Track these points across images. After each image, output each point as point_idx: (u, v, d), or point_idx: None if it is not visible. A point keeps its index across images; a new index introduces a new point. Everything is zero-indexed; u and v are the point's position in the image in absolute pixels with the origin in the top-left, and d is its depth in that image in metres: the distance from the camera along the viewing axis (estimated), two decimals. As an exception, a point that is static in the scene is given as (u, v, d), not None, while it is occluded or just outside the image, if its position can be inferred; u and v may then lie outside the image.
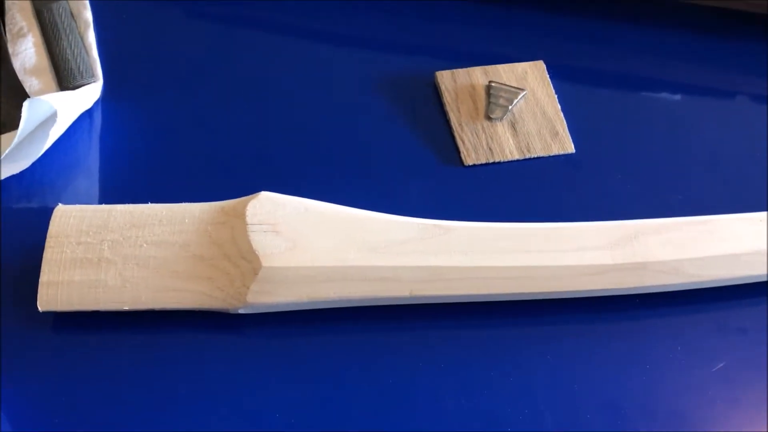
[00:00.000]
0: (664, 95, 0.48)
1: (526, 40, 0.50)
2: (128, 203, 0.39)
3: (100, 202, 0.41)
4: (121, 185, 0.42)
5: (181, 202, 0.39)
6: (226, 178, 0.43)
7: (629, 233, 0.38)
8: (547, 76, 0.47)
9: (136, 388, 0.36)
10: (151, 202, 0.39)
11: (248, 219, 0.37)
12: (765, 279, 0.39)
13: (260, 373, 0.36)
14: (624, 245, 0.38)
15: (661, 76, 0.49)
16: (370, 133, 0.45)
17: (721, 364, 0.37)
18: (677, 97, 0.48)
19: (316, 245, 0.37)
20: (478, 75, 0.47)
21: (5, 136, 0.42)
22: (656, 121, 0.47)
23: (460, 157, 0.44)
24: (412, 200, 0.43)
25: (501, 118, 0.45)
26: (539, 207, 0.43)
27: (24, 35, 0.47)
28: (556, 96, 0.47)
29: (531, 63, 0.48)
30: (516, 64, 0.48)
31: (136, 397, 0.35)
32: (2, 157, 0.40)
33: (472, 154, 0.44)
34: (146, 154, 0.43)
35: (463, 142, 0.45)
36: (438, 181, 0.43)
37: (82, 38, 0.47)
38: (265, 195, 0.38)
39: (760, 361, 0.38)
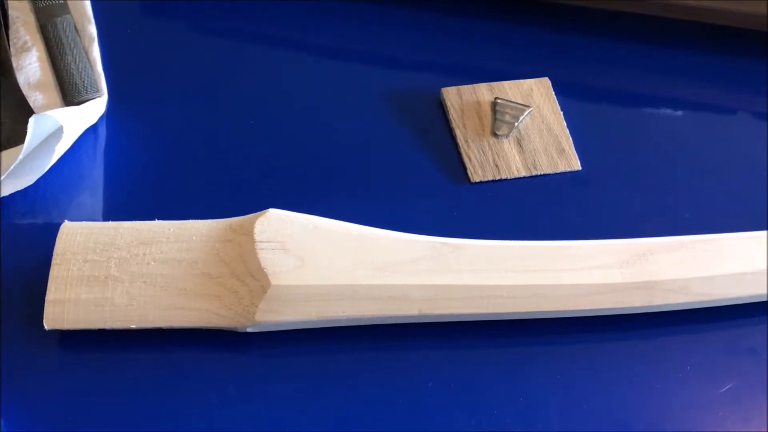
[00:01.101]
0: (669, 112, 0.48)
1: (531, 57, 0.50)
2: (134, 219, 0.38)
3: (106, 219, 0.41)
4: (127, 201, 0.42)
5: (188, 218, 0.38)
6: (234, 194, 0.42)
7: (638, 252, 0.38)
8: (553, 92, 0.48)
9: (143, 408, 0.35)
10: (158, 219, 0.38)
11: (256, 236, 0.37)
12: (773, 298, 0.39)
13: (269, 393, 0.36)
14: (633, 264, 0.38)
15: (666, 93, 0.49)
16: (377, 149, 0.45)
17: (730, 385, 0.37)
18: (682, 113, 0.48)
19: (324, 263, 0.37)
20: (484, 91, 0.47)
21: (10, 152, 0.41)
22: (662, 138, 0.47)
23: (466, 174, 0.44)
24: (418, 217, 0.42)
25: (507, 135, 0.45)
26: (546, 224, 0.43)
27: (28, 50, 0.46)
28: (561, 113, 0.47)
29: (536, 80, 0.48)
30: (521, 80, 0.48)
31: (144, 417, 0.35)
32: (7, 172, 0.40)
33: (478, 171, 0.44)
34: (152, 169, 0.43)
35: (470, 159, 0.45)
36: (445, 198, 0.43)
37: (86, 53, 0.47)
38: (273, 212, 0.38)
39: (770, 381, 0.38)
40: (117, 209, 0.42)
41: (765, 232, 0.40)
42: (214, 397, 0.36)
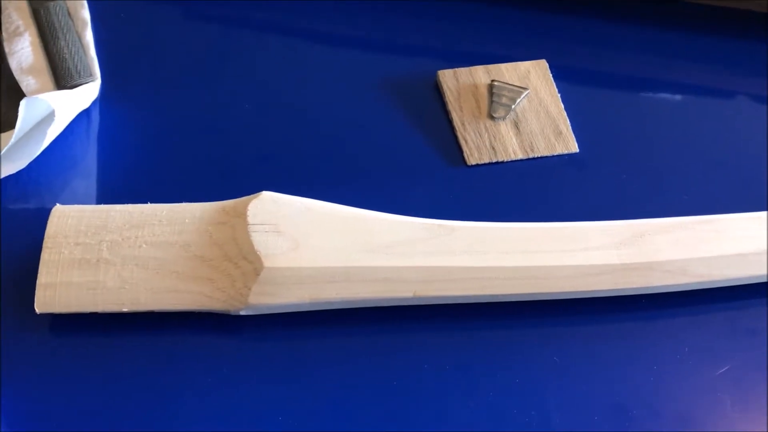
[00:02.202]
0: (668, 94, 0.48)
1: (528, 39, 0.49)
2: (127, 203, 0.38)
3: (99, 203, 0.41)
4: (120, 185, 0.42)
5: (182, 202, 0.38)
6: (227, 178, 0.42)
7: (635, 233, 0.38)
8: (550, 75, 0.47)
9: (135, 390, 0.35)
10: (151, 203, 0.38)
11: (249, 219, 0.36)
12: (772, 279, 0.38)
13: (262, 375, 0.36)
14: (630, 245, 0.37)
15: (664, 75, 0.48)
16: (373, 133, 0.45)
17: (727, 366, 0.37)
18: (681, 96, 0.48)
19: (318, 245, 0.36)
20: (481, 74, 0.47)
21: (2, 136, 0.41)
22: (660, 119, 0.46)
23: (463, 157, 0.44)
24: (415, 200, 0.42)
25: (504, 118, 0.45)
26: (543, 207, 0.42)
27: (20, 34, 0.46)
28: (559, 95, 0.46)
29: (533, 62, 0.48)
30: (518, 63, 0.47)
31: (136, 399, 0.35)
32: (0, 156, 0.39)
33: (475, 154, 0.44)
34: (145, 153, 0.43)
35: (466, 142, 0.44)
36: (441, 180, 0.43)
37: (79, 37, 0.46)
38: (266, 195, 0.37)
39: (769, 362, 0.37)
40: (110, 193, 0.41)
41: (765, 212, 0.39)
42: (206, 380, 0.36)
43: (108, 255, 0.36)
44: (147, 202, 0.38)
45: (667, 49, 0.50)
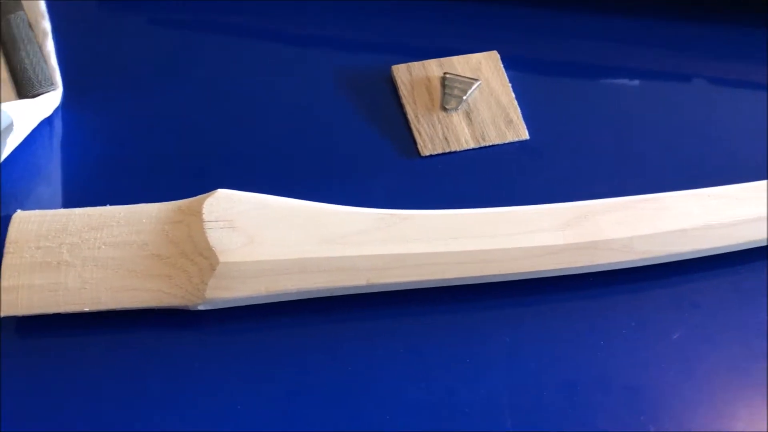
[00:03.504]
0: (614, 80, 0.49)
1: (480, 32, 0.50)
2: (89, 207, 0.39)
3: (62, 207, 0.41)
4: (82, 190, 0.43)
5: (143, 203, 0.39)
6: (186, 178, 0.43)
7: (581, 214, 0.39)
8: (501, 65, 0.48)
9: (100, 388, 0.36)
10: (111, 205, 0.39)
11: (205, 216, 0.37)
12: (714, 253, 0.40)
13: (222, 368, 0.37)
14: (575, 225, 0.39)
15: (609, 61, 0.49)
16: (329, 129, 0.46)
17: (676, 335, 0.38)
18: (626, 81, 0.49)
19: (273, 239, 0.37)
20: (434, 67, 0.48)
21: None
22: (607, 105, 0.47)
23: (417, 149, 0.45)
24: (371, 192, 0.43)
25: (456, 109, 0.46)
26: (496, 193, 0.43)
27: (-18, 47, 0.47)
28: (510, 85, 0.47)
29: (485, 53, 0.49)
30: (470, 55, 0.49)
31: (100, 397, 0.36)
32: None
33: (428, 145, 0.45)
34: (106, 158, 0.44)
35: (420, 134, 0.45)
36: (396, 172, 0.44)
37: (40, 47, 0.47)
38: (221, 192, 0.38)
39: (713, 335, 0.38)
40: (73, 198, 0.42)
41: (705, 189, 0.40)
42: (168, 374, 0.37)
43: (68, 257, 0.37)
44: (108, 205, 0.39)
45: (612, 36, 0.51)
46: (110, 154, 0.44)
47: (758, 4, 0.51)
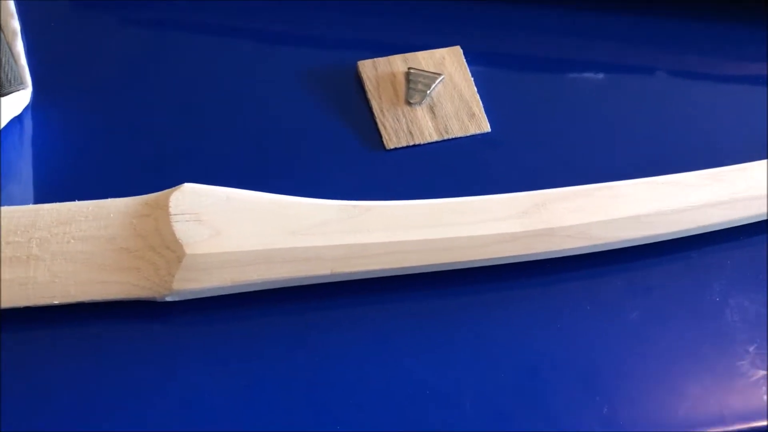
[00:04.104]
0: (573, 74, 0.50)
1: (444, 27, 0.52)
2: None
3: (34, 203, 0.42)
4: (53, 187, 0.43)
5: (111, 198, 0.40)
6: (154, 173, 0.44)
7: (538, 202, 0.40)
8: (464, 60, 0.49)
9: (71, 381, 0.37)
10: (80, 200, 0.40)
11: (171, 210, 0.38)
12: (667, 238, 0.41)
13: (190, 358, 0.38)
14: (533, 213, 0.40)
15: (569, 56, 0.51)
16: (296, 124, 0.47)
17: (632, 315, 0.39)
18: (585, 75, 0.50)
19: (238, 231, 0.38)
20: (399, 63, 0.49)
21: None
22: (566, 98, 0.49)
23: (382, 142, 0.46)
24: (337, 185, 0.44)
25: (420, 103, 0.47)
26: (458, 184, 0.44)
27: (-49, 47, 0.47)
28: (472, 79, 0.49)
29: (449, 49, 0.50)
30: (434, 50, 0.50)
31: (70, 389, 0.37)
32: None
33: (393, 138, 0.46)
34: (76, 155, 0.44)
35: (385, 128, 0.46)
36: (362, 165, 0.45)
37: (10, 47, 0.48)
38: (187, 186, 0.39)
39: (666, 317, 0.40)
40: (43, 195, 0.43)
41: (657, 177, 0.42)
42: (137, 365, 0.37)
43: (38, 251, 0.38)
44: (76, 200, 0.40)
45: (573, 30, 0.52)
46: (79, 151, 0.45)
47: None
